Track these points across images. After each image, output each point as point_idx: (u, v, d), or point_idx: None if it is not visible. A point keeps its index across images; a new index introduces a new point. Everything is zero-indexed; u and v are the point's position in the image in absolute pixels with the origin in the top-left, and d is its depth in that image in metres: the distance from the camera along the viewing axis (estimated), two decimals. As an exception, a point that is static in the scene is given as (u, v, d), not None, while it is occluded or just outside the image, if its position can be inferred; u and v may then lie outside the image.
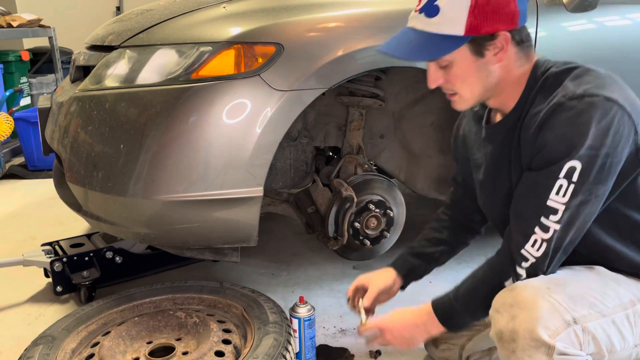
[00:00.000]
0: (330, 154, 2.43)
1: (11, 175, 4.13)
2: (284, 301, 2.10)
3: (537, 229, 1.17)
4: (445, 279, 1.69)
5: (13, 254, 2.57)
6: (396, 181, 2.32)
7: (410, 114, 2.30)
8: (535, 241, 1.18)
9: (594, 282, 1.21)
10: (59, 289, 2.08)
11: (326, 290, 2.23)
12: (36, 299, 2.21)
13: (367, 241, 2.13)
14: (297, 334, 1.63)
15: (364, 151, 2.23)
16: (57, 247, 2.24)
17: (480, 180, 1.43)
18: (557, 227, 1.16)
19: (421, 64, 1.82)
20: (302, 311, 1.64)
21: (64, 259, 2.09)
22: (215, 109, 1.63)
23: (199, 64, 1.66)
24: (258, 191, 1.69)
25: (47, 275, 2.26)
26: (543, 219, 1.16)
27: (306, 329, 1.64)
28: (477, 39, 1.19)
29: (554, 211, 1.15)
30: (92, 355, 1.55)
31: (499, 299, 1.20)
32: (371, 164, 2.37)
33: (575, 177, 1.13)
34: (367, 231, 2.12)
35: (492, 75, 1.24)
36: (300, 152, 2.13)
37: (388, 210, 2.14)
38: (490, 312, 1.22)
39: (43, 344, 1.55)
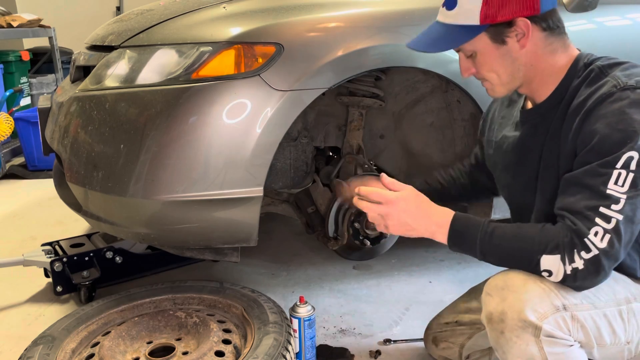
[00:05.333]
0: (330, 154, 2.43)
1: (11, 175, 4.13)
2: (284, 301, 2.10)
3: (598, 220, 1.11)
4: (445, 279, 1.69)
5: (13, 254, 2.57)
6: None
7: (410, 114, 2.30)
8: (597, 232, 1.11)
9: None
10: (59, 289, 2.08)
11: (326, 290, 2.23)
12: (36, 299, 2.21)
13: (367, 241, 2.13)
14: (297, 334, 1.64)
15: (364, 151, 2.23)
16: (57, 247, 2.25)
17: (505, 163, 1.42)
18: (620, 217, 1.10)
19: (421, 64, 1.82)
20: (302, 311, 1.64)
21: (64, 259, 2.09)
22: (215, 109, 1.63)
23: (199, 64, 1.66)
24: (258, 191, 1.69)
25: (47, 275, 2.26)
26: (603, 209, 1.11)
27: (306, 329, 1.64)
28: (496, 27, 1.21)
29: (616, 200, 1.10)
30: (92, 355, 1.55)
31: (491, 283, 1.21)
32: (371, 164, 2.37)
33: (633, 166, 1.10)
34: (367, 231, 2.12)
35: (518, 62, 1.24)
36: (300, 152, 2.13)
37: (388, 210, 2.13)
38: (482, 295, 1.23)
39: (43, 344, 1.55)
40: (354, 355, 1.76)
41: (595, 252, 1.11)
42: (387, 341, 1.84)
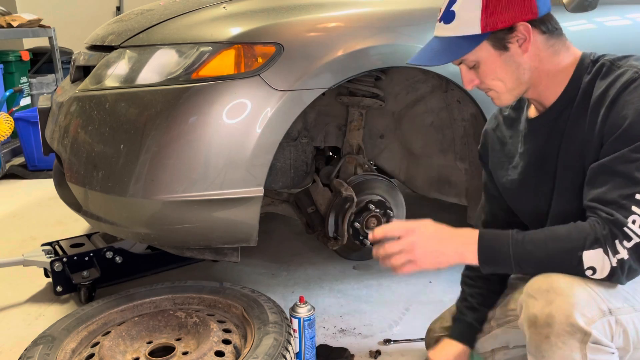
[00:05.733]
0: (330, 154, 2.43)
1: (11, 175, 4.13)
2: (284, 301, 2.10)
3: (634, 208, 1.08)
4: (445, 279, 1.69)
5: (13, 254, 2.57)
6: (396, 181, 2.32)
7: (410, 114, 2.30)
8: (635, 220, 1.08)
9: None
10: (59, 289, 2.08)
11: (326, 290, 2.23)
12: (36, 299, 2.21)
13: (367, 241, 2.13)
14: (297, 334, 1.63)
15: (364, 151, 2.23)
16: (57, 247, 2.25)
17: (520, 179, 1.37)
18: None
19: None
20: (302, 311, 1.64)
21: (64, 259, 2.09)
22: (215, 109, 1.63)
23: (199, 64, 1.66)
24: (258, 191, 1.69)
25: (47, 275, 2.26)
26: (639, 196, 1.08)
27: (306, 329, 1.64)
28: (497, 34, 1.20)
29: None
30: (92, 355, 1.55)
31: (534, 285, 1.17)
32: (371, 164, 2.37)
33: None
34: (367, 231, 2.12)
35: (523, 66, 1.23)
36: (300, 152, 2.13)
37: (388, 211, 2.14)
38: (522, 297, 1.18)
39: (43, 344, 1.55)
40: (353, 355, 1.76)
41: (637, 239, 1.08)
42: (387, 341, 1.84)
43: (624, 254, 1.08)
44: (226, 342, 1.58)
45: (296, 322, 1.63)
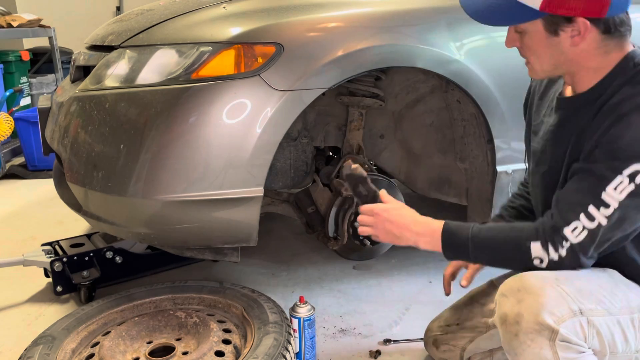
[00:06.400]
0: (330, 154, 2.43)
1: (11, 175, 4.13)
2: (284, 301, 2.10)
3: (582, 216, 1.14)
4: (445, 279, 1.70)
5: (13, 254, 2.57)
6: (396, 181, 2.32)
7: (410, 114, 2.30)
8: (576, 227, 1.14)
9: (605, 282, 1.21)
10: (59, 289, 2.08)
11: (326, 290, 2.23)
12: (36, 299, 2.21)
13: (367, 241, 2.13)
14: (297, 334, 1.63)
15: (364, 151, 2.23)
16: (57, 247, 2.24)
17: (536, 149, 1.40)
18: (605, 221, 1.12)
19: (421, 64, 1.82)
20: (302, 311, 1.64)
21: (64, 259, 2.09)
22: (215, 109, 1.63)
23: (199, 64, 1.66)
24: (258, 191, 1.69)
25: (47, 275, 2.26)
26: (591, 209, 1.13)
27: (306, 329, 1.64)
28: (553, 17, 1.16)
29: (606, 205, 1.12)
30: (92, 355, 1.55)
31: (506, 284, 1.20)
32: (371, 164, 2.37)
33: (638, 180, 1.10)
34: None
35: (565, 56, 1.21)
36: (300, 152, 2.13)
37: (388, 210, 2.13)
38: (496, 296, 1.22)
39: (43, 344, 1.55)
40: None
41: (567, 244, 1.16)
42: (387, 341, 1.84)
43: (553, 255, 1.17)
44: (226, 342, 1.58)
45: (296, 322, 1.63)
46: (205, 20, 1.79)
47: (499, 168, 1.99)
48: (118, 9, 6.86)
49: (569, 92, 1.31)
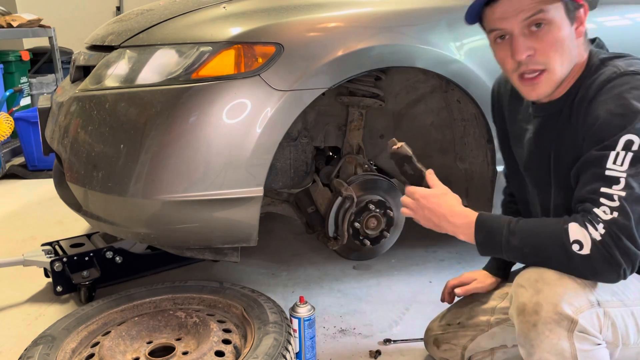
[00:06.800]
0: (330, 154, 2.43)
1: (11, 175, 4.13)
2: (284, 301, 2.10)
3: (602, 199, 1.11)
4: (445, 279, 1.69)
5: (13, 254, 2.57)
6: (396, 181, 2.32)
7: (410, 114, 2.30)
8: (603, 210, 1.11)
9: None
10: (59, 289, 2.08)
11: (326, 290, 2.23)
12: (36, 299, 2.21)
13: (367, 241, 2.13)
14: (297, 334, 1.64)
15: (364, 151, 2.23)
16: (57, 247, 2.24)
17: (521, 154, 1.42)
18: (623, 194, 1.09)
19: (421, 64, 1.82)
20: (302, 311, 1.64)
21: (64, 259, 2.09)
22: (215, 109, 1.63)
23: (199, 64, 1.66)
24: (258, 191, 1.69)
25: (47, 275, 2.26)
26: (604, 189, 1.11)
27: (306, 329, 1.64)
28: (571, 2, 1.18)
29: (616, 180, 1.10)
30: (92, 355, 1.55)
31: (524, 275, 1.20)
32: (371, 164, 2.37)
33: (635, 147, 1.10)
34: (367, 231, 2.12)
35: (573, 52, 1.22)
36: (300, 152, 2.13)
37: (388, 211, 2.14)
38: (513, 287, 1.22)
39: (43, 344, 1.55)
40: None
41: (604, 222, 1.10)
42: (387, 341, 1.84)
43: (597, 234, 1.10)
44: (226, 342, 1.58)
45: (296, 322, 1.63)
46: (205, 20, 1.79)
47: (499, 168, 1.99)
48: (118, 9, 6.86)
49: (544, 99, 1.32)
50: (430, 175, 1.37)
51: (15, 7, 5.90)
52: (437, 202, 1.32)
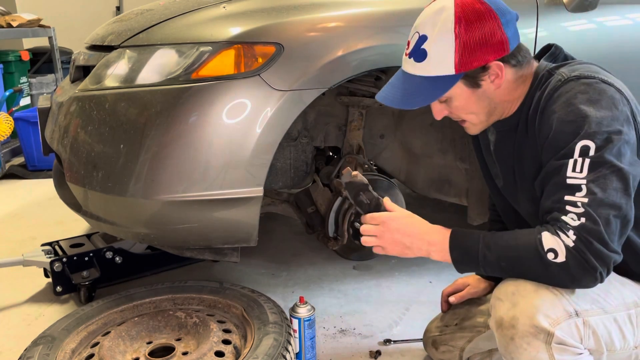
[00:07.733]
0: (330, 154, 2.43)
1: (11, 175, 4.13)
2: (284, 301, 2.10)
3: (567, 207, 1.11)
4: (445, 279, 1.69)
5: (13, 254, 2.57)
6: (396, 181, 2.32)
7: (410, 114, 2.30)
8: (570, 216, 1.10)
9: None
10: (59, 289, 2.08)
11: (326, 290, 2.23)
12: (36, 299, 2.21)
13: (367, 241, 2.12)
14: (297, 334, 1.63)
15: (364, 151, 2.23)
16: (57, 247, 2.24)
17: (491, 164, 1.45)
18: (586, 200, 1.09)
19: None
20: (302, 311, 1.64)
21: (64, 259, 2.09)
22: (215, 109, 1.63)
23: (199, 63, 1.66)
24: (258, 191, 1.69)
25: (47, 275, 2.26)
26: (568, 197, 1.11)
27: (306, 329, 1.64)
28: (470, 73, 1.21)
29: (578, 188, 1.10)
30: (92, 355, 1.55)
31: (502, 289, 1.20)
32: (371, 164, 2.37)
33: (591, 153, 1.10)
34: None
35: (494, 100, 1.27)
36: (300, 152, 2.13)
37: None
38: (492, 300, 1.22)
39: (43, 344, 1.55)
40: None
41: (574, 229, 1.09)
42: (387, 341, 1.84)
43: (569, 240, 1.09)
44: (226, 342, 1.58)
45: (296, 322, 1.63)
46: (205, 20, 1.79)
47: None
48: (118, 9, 6.86)
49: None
50: (388, 201, 1.34)
51: (15, 7, 5.90)
52: (406, 222, 1.28)
